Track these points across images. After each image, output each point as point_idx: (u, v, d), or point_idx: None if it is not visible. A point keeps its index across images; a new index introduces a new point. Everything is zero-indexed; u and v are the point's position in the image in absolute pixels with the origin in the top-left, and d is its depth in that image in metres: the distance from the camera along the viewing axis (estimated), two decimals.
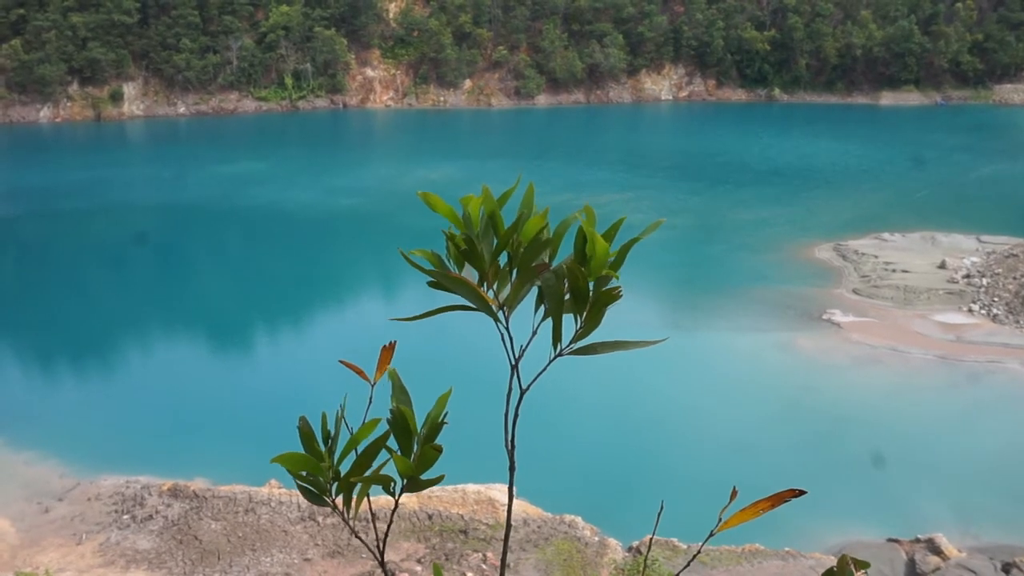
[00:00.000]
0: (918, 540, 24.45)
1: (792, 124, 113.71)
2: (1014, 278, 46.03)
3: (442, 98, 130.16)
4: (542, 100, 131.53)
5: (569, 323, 2.86)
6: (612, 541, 23.89)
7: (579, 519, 24.63)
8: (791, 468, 29.63)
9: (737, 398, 35.19)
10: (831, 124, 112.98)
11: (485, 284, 2.86)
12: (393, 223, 65.26)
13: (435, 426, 2.80)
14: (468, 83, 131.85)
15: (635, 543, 23.88)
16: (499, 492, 25.57)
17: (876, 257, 51.57)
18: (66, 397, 37.26)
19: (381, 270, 56.90)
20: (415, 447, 2.80)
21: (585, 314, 2.80)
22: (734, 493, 2.66)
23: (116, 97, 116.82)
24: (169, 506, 25.77)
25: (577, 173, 78.89)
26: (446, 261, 2.88)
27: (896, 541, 24.89)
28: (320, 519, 24.67)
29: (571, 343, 2.84)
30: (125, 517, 25.51)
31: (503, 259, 2.86)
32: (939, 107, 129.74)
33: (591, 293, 2.76)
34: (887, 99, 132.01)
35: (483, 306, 2.82)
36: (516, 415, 2.96)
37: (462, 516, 24.48)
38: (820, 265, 51.75)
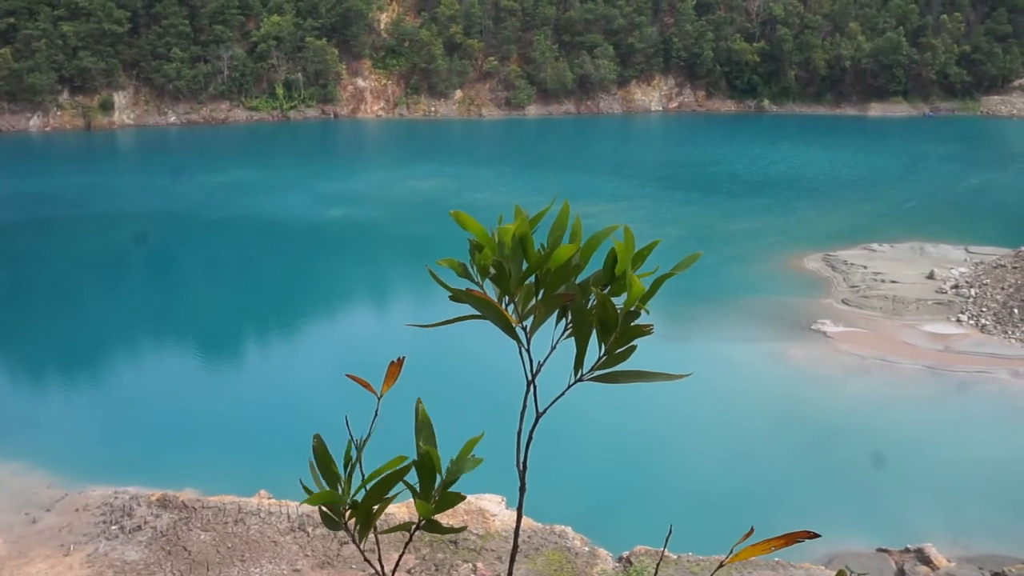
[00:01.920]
0: (908, 550, 24.50)
1: (782, 135, 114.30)
2: (1002, 288, 46.31)
3: (433, 108, 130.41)
4: (532, 110, 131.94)
5: (592, 344, 2.82)
6: (602, 551, 23.83)
7: (569, 529, 24.57)
8: (781, 478, 29.69)
9: (727, 408, 35.24)
10: (820, 135, 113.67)
11: (507, 299, 2.83)
12: (387, 232, 65.35)
13: (460, 472, 2.79)
14: (459, 93, 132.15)
15: (625, 553, 23.83)
16: (489, 502, 25.50)
17: (865, 267, 51.83)
18: (55, 407, 37.05)
19: (374, 280, 56.87)
20: (436, 487, 2.79)
21: (610, 344, 2.77)
22: (751, 532, 2.63)
23: (106, 106, 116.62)
24: (158, 516, 25.61)
25: (570, 182, 79.09)
26: (470, 269, 2.86)
27: (886, 551, 24.93)
28: (310, 530, 24.56)
29: (593, 369, 2.82)
30: (113, 528, 25.34)
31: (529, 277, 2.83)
32: (927, 118, 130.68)
33: (620, 325, 2.73)
34: (875, 110, 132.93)
35: (504, 325, 2.79)
36: (531, 436, 2.95)
37: (452, 526, 24.40)
38: (809, 275, 51.97)
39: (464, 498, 2.77)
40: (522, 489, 3.07)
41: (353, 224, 67.62)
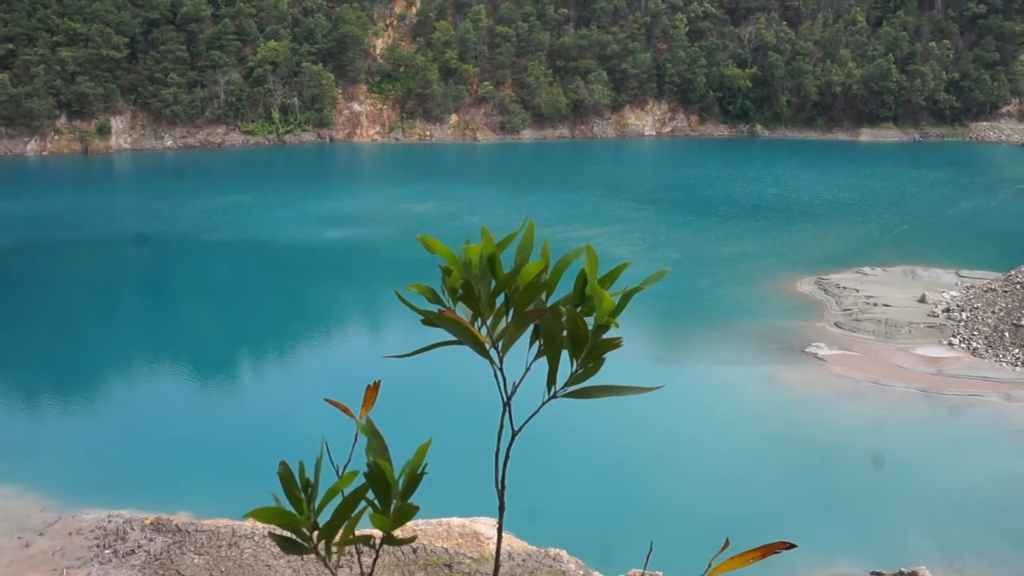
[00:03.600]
0: (902, 573, 24.50)
1: (774, 160, 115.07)
2: (993, 312, 46.58)
3: (428, 133, 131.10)
4: (527, 135, 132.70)
5: (564, 362, 2.86)
6: (597, 575, 23.82)
7: (564, 552, 24.53)
8: (775, 501, 29.72)
9: (721, 431, 35.30)
10: (812, 159, 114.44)
11: (479, 320, 2.86)
12: (381, 256, 65.44)
13: (413, 480, 2.79)
14: (454, 118, 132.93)
15: None
16: (484, 525, 25.45)
17: (857, 291, 52.08)
18: (48, 430, 36.92)
19: (369, 304, 56.94)
20: (394, 500, 2.78)
21: (582, 359, 2.81)
22: (726, 544, 2.68)
23: (104, 130, 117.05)
24: (151, 540, 25.52)
25: (564, 206, 79.45)
26: (441, 294, 2.88)
27: (879, 574, 24.95)
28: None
29: (566, 386, 2.86)
30: (107, 552, 25.25)
31: (500, 298, 2.86)
32: (917, 144, 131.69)
33: (590, 340, 2.77)
34: (866, 135, 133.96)
35: (476, 346, 2.82)
36: (507, 456, 2.97)
37: (447, 550, 24.37)
38: (802, 299, 52.20)
39: (418, 509, 2.77)
40: (501, 508, 3.11)
41: (348, 247, 67.80)
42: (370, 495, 2.79)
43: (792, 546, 2.53)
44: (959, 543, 27.29)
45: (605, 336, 2.83)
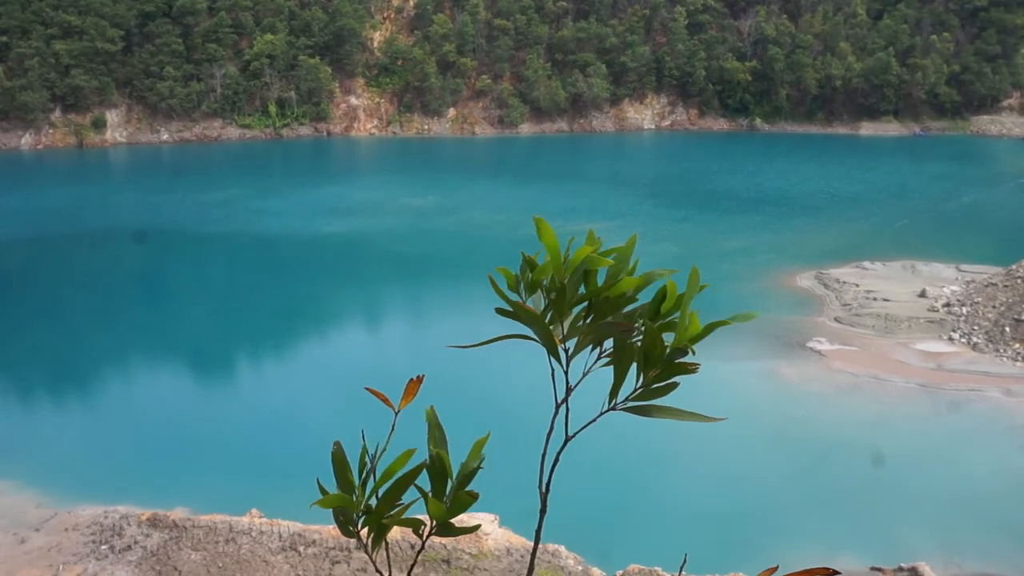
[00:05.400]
0: (901, 569, 24.43)
1: (775, 153, 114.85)
2: (993, 307, 46.46)
3: (426, 126, 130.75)
4: (526, 129, 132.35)
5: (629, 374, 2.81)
6: (595, 571, 23.71)
7: (562, 548, 24.45)
8: (774, 497, 29.63)
9: (719, 427, 35.13)
10: (813, 153, 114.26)
11: (549, 315, 2.81)
12: (381, 249, 65.28)
13: (470, 472, 2.76)
14: (452, 112, 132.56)
15: (619, 572, 23.73)
16: (482, 521, 25.35)
17: (857, 286, 51.96)
18: (44, 426, 36.78)
19: (369, 299, 56.73)
20: (448, 491, 2.76)
21: (650, 377, 2.77)
22: (775, 570, 2.59)
23: (99, 124, 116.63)
24: (148, 536, 25.39)
25: (564, 200, 79.19)
26: (520, 287, 2.85)
27: (879, 570, 24.86)
28: (301, 549, 24.37)
29: (628, 399, 2.82)
30: (103, 548, 25.11)
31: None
32: (918, 137, 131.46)
33: (665, 360, 2.75)
34: (867, 129, 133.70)
35: (550, 345, 2.78)
36: (556, 459, 2.94)
37: (445, 546, 24.25)
38: (802, 293, 52.08)
39: (477, 496, 2.73)
40: (543, 511, 3.03)
41: (347, 241, 67.58)
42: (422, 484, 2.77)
43: (836, 573, 2.40)
44: (959, 538, 27.22)
45: (680, 360, 2.78)
